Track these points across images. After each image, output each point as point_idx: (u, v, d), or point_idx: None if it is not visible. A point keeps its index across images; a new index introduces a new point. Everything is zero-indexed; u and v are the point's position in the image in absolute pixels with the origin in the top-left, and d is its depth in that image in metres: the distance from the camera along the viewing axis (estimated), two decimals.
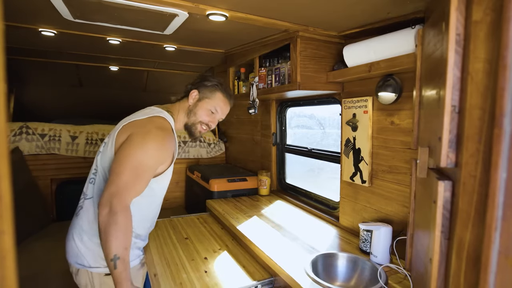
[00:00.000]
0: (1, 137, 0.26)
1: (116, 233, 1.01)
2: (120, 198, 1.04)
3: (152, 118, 1.21)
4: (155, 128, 1.16)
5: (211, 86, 1.35)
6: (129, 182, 1.06)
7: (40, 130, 2.58)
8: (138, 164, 1.09)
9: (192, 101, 1.34)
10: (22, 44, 2.23)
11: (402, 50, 1.19)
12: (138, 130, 1.14)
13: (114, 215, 1.01)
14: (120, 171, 1.06)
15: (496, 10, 0.46)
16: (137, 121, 1.19)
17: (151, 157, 1.12)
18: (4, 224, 0.26)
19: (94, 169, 1.25)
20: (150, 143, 1.11)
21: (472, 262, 0.51)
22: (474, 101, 0.51)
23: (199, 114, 1.34)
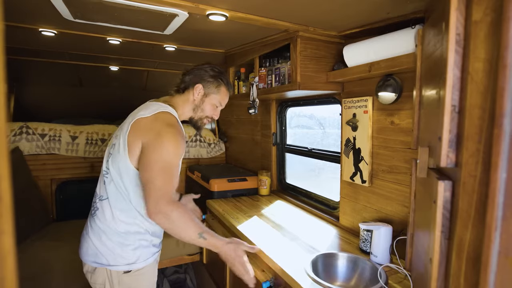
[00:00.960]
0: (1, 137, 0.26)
1: (182, 225, 1.12)
2: (164, 200, 1.10)
3: (159, 114, 1.21)
4: (166, 126, 1.17)
5: (216, 81, 1.33)
6: (164, 184, 1.12)
7: (40, 130, 2.58)
8: (165, 165, 1.13)
9: (198, 97, 1.32)
10: (22, 44, 2.23)
11: (402, 50, 1.19)
12: (152, 136, 1.15)
13: (170, 218, 1.10)
14: (153, 178, 1.11)
15: (496, 10, 0.46)
16: (145, 121, 1.19)
17: (173, 155, 1.16)
18: (4, 224, 0.26)
19: (105, 171, 1.26)
20: (168, 143, 1.15)
21: (472, 262, 0.51)
22: (474, 101, 0.51)
23: (206, 109, 1.35)
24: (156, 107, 1.23)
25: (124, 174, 1.19)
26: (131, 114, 1.27)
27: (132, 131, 1.18)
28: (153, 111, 1.21)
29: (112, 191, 1.22)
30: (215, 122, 3.31)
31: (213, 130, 3.36)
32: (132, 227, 1.23)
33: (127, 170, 1.18)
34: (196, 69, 1.34)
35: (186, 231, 1.13)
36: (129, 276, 1.23)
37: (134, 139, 1.17)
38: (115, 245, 1.22)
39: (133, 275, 1.24)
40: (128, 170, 1.18)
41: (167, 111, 1.23)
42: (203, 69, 1.34)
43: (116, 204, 1.22)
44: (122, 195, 1.21)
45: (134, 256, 1.23)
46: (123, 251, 1.22)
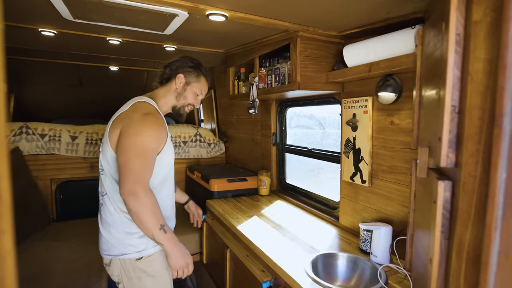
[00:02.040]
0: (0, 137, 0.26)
1: (151, 211, 1.17)
2: (139, 183, 1.15)
3: (135, 105, 1.28)
4: (142, 114, 1.24)
5: (195, 71, 1.42)
6: (139, 167, 1.17)
7: (40, 130, 2.58)
8: (140, 149, 1.18)
9: (180, 85, 1.40)
10: (22, 44, 2.23)
11: (402, 50, 1.19)
12: (128, 122, 1.21)
13: (140, 200, 1.15)
14: (128, 161, 1.16)
15: (496, 10, 0.46)
16: (123, 113, 1.27)
17: (149, 139, 1.21)
18: (4, 224, 0.26)
19: (100, 168, 1.34)
20: (144, 128, 1.20)
21: (472, 262, 0.51)
22: (474, 101, 0.51)
23: (188, 97, 1.42)
24: (134, 100, 1.31)
25: (112, 164, 1.26)
26: (115, 114, 1.33)
27: (114, 125, 1.26)
28: (131, 103, 1.30)
29: (108, 185, 1.29)
30: (215, 122, 3.31)
31: (213, 130, 3.36)
32: None
33: (113, 159, 1.25)
34: (176, 61, 1.43)
35: (151, 219, 1.17)
36: (142, 262, 1.30)
37: (113, 129, 1.24)
38: (123, 235, 1.28)
39: (145, 261, 1.30)
40: (115, 161, 1.24)
41: (143, 101, 1.31)
42: (183, 60, 1.42)
43: (114, 196, 1.28)
44: (117, 186, 1.26)
45: (142, 243, 1.29)
46: (131, 239, 1.28)
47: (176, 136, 2.98)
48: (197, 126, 3.28)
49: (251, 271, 1.45)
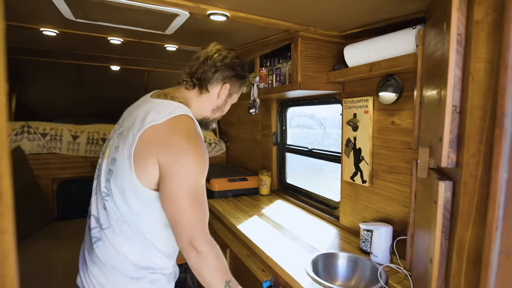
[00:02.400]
0: (1, 136, 0.26)
1: (214, 268, 0.96)
2: (199, 237, 0.93)
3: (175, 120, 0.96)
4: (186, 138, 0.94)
5: (242, 82, 1.17)
6: (197, 215, 0.94)
7: (42, 130, 2.58)
8: (194, 191, 0.94)
9: (222, 97, 1.13)
10: (23, 44, 2.23)
11: (403, 50, 1.19)
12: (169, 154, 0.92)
13: (203, 257, 0.94)
14: (180, 211, 0.92)
15: (498, 10, 0.46)
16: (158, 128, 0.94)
17: (198, 177, 0.95)
18: (5, 223, 0.26)
19: (104, 192, 1.00)
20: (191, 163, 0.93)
21: (472, 262, 0.51)
22: (475, 101, 0.50)
23: (225, 110, 1.20)
24: (170, 109, 0.97)
25: (131, 196, 0.95)
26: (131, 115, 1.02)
27: (142, 143, 0.93)
28: (167, 115, 0.95)
29: (115, 219, 0.98)
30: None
31: (213, 130, 3.36)
32: (144, 262, 1.00)
33: (134, 191, 0.94)
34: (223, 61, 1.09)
35: (214, 278, 0.96)
36: None
37: (145, 153, 0.92)
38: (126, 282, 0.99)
39: None
40: (137, 192, 0.94)
41: (184, 114, 0.98)
42: (232, 65, 1.11)
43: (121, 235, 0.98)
44: (127, 224, 0.97)
45: None
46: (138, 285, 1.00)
47: None
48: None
49: (252, 271, 1.46)
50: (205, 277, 0.96)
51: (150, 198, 0.96)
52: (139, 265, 1.00)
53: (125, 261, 0.98)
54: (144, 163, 0.93)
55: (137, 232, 0.98)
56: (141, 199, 0.96)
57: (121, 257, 0.98)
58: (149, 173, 0.93)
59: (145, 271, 1.01)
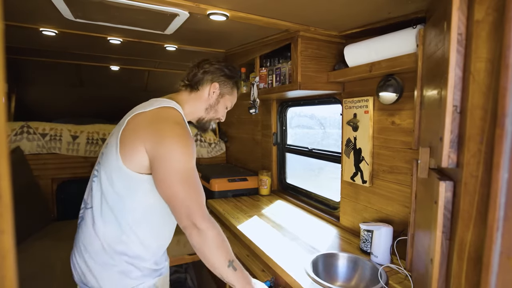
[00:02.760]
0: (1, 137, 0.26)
1: (216, 246, 0.98)
2: (196, 215, 0.96)
3: (160, 110, 1.05)
4: (170, 125, 1.01)
5: (232, 82, 1.23)
6: (191, 196, 0.98)
7: (41, 130, 2.58)
8: (184, 173, 0.98)
9: (213, 96, 1.20)
10: (23, 44, 2.23)
11: (403, 50, 1.19)
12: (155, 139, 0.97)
13: (203, 234, 0.97)
14: (176, 194, 0.97)
15: (498, 10, 0.46)
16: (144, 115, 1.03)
17: (187, 160, 0.99)
18: (4, 224, 0.26)
19: (94, 174, 1.07)
20: (178, 148, 0.98)
21: (473, 263, 0.50)
22: (476, 101, 0.50)
23: (219, 111, 1.24)
24: (159, 102, 1.07)
25: (115, 178, 1.00)
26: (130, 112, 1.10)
27: (129, 127, 1.01)
28: (156, 105, 1.05)
29: (98, 198, 1.02)
30: (215, 122, 3.31)
31: (213, 130, 3.36)
32: (118, 245, 1.01)
33: (119, 174, 0.99)
34: (211, 65, 1.20)
35: (217, 256, 0.98)
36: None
37: (132, 139, 0.99)
38: (99, 267, 1.01)
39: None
40: (122, 174, 0.99)
41: (170, 106, 1.07)
42: (220, 67, 1.20)
43: (100, 214, 1.01)
44: (108, 204, 1.00)
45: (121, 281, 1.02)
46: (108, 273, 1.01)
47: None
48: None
49: (252, 271, 1.45)
50: (208, 257, 0.98)
51: (135, 181, 1.00)
52: (115, 249, 1.01)
53: (98, 243, 1.01)
54: (131, 147, 0.99)
55: (118, 213, 1.00)
56: (126, 182, 1.00)
57: (97, 237, 1.01)
58: (135, 157, 0.98)
59: (119, 256, 1.01)
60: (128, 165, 0.99)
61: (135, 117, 1.03)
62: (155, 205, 1.05)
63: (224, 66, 1.21)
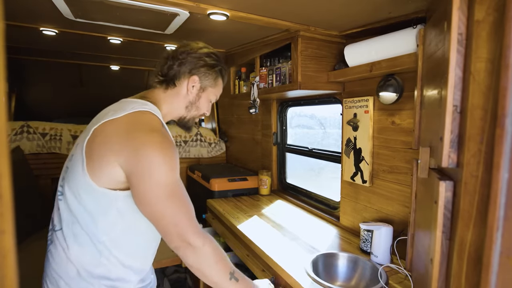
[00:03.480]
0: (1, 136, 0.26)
1: (214, 261, 0.91)
2: (188, 230, 0.87)
3: (134, 116, 0.88)
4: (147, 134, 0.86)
5: (215, 72, 1.06)
6: (179, 210, 0.87)
7: (41, 129, 2.58)
8: (168, 187, 0.86)
9: (193, 91, 1.04)
10: (23, 44, 2.23)
11: (404, 50, 1.19)
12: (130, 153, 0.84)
13: (199, 251, 0.88)
14: (161, 208, 0.85)
15: (499, 10, 0.46)
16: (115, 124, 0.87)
17: (170, 170, 0.87)
18: (4, 223, 0.26)
19: (59, 191, 0.93)
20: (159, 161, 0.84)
21: (473, 263, 0.51)
22: (476, 101, 0.50)
23: (202, 107, 1.08)
24: (132, 105, 0.90)
25: (84, 195, 0.86)
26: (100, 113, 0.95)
27: (97, 138, 0.86)
28: (128, 110, 0.88)
29: (67, 219, 0.89)
30: (215, 122, 3.31)
31: (213, 129, 3.36)
32: (96, 269, 0.89)
33: (88, 191, 0.86)
34: (189, 54, 1.02)
35: (216, 271, 0.91)
36: None
37: (102, 152, 0.85)
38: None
39: None
40: (90, 192, 0.86)
41: (145, 110, 0.91)
42: (198, 55, 1.03)
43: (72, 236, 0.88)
44: (80, 225, 0.88)
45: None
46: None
47: (177, 136, 2.98)
48: (198, 125, 3.29)
49: (252, 271, 1.46)
50: (208, 274, 0.91)
51: (108, 198, 0.87)
52: (92, 274, 0.89)
53: (73, 268, 0.88)
54: (101, 162, 0.84)
55: (91, 234, 0.88)
56: (97, 199, 0.87)
57: (70, 262, 0.89)
58: (106, 172, 0.85)
59: (98, 281, 0.90)
60: (98, 182, 0.85)
61: (104, 126, 0.87)
62: (135, 224, 0.93)
63: (204, 54, 1.04)
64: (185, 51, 1.03)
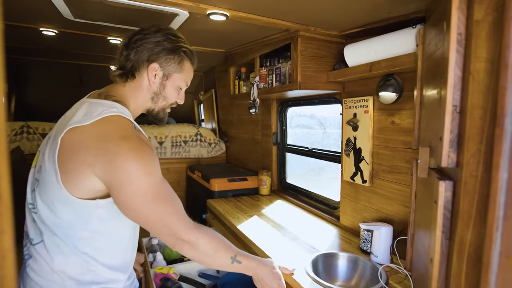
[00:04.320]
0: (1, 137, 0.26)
1: (213, 251, 0.91)
2: (179, 228, 0.86)
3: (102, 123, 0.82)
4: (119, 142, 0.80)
5: (177, 55, 0.96)
6: (166, 210, 0.85)
7: (41, 130, 2.58)
8: (151, 192, 0.83)
9: (156, 81, 0.95)
10: (23, 44, 2.23)
11: (403, 50, 1.19)
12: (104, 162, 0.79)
13: (195, 245, 0.88)
14: (147, 213, 0.83)
15: (498, 10, 0.46)
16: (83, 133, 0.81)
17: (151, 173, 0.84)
18: (4, 223, 0.26)
19: (31, 204, 0.88)
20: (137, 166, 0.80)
21: (473, 262, 0.51)
22: (476, 101, 0.50)
23: (169, 96, 0.99)
24: (99, 109, 0.84)
25: (61, 209, 0.82)
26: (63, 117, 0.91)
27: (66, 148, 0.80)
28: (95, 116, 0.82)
29: (46, 231, 0.85)
30: (215, 122, 3.31)
31: (213, 129, 3.36)
32: (85, 276, 0.87)
33: (66, 203, 0.81)
34: (144, 40, 0.92)
35: (217, 259, 0.92)
36: None
37: (75, 163, 0.80)
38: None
39: None
40: (69, 203, 0.81)
41: (114, 115, 0.84)
42: (155, 40, 0.92)
43: (55, 248, 0.84)
44: (58, 236, 0.84)
45: None
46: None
47: (177, 136, 2.98)
48: (198, 125, 3.29)
49: None
50: (209, 263, 0.93)
51: (88, 208, 0.83)
52: (80, 281, 0.86)
53: (60, 279, 0.85)
54: (75, 173, 0.80)
55: (72, 245, 0.84)
56: (76, 211, 0.82)
57: (56, 274, 0.85)
58: (82, 183, 0.80)
59: (89, 286, 0.87)
60: (76, 193, 0.81)
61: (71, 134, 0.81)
62: (118, 229, 0.91)
63: (162, 36, 0.93)
64: (139, 37, 0.93)
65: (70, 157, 0.80)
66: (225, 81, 2.84)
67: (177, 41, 0.96)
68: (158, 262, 1.32)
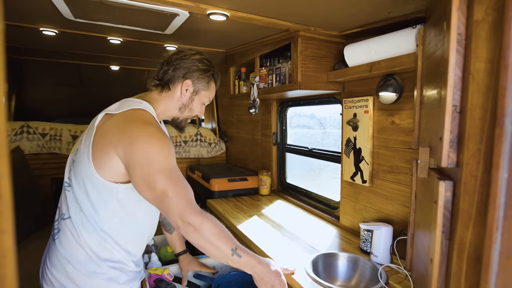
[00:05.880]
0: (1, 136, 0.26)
1: (215, 238, 0.95)
2: (186, 210, 0.92)
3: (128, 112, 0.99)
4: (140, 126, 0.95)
5: (207, 76, 1.14)
6: (176, 192, 0.92)
7: (41, 130, 2.58)
8: (166, 172, 0.93)
9: (187, 94, 1.12)
10: (23, 44, 2.23)
11: (403, 50, 1.19)
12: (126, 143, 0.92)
13: (199, 229, 0.93)
14: (161, 195, 0.92)
15: (498, 10, 0.46)
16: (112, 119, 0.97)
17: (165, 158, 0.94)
18: (4, 223, 0.26)
19: (66, 182, 1.04)
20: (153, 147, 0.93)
21: (473, 262, 0.51)
22: (476, 101, 0.50)
23: (195, 109, 1.16)
24: (129, 104, 1.01)
25: (89, 187, 0.96)
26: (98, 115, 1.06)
27: (99, 133, 0.97)
28: (124, 108, 0.99)
29: (74, 208, 0.99)
30: (215, 122, 3.31)
31: (213, 129, 3.36)
32: (102, 252, 1.00)
33: (92, 182, 0.96)
34: (182, 60, 1.11)
35: (218, 248, 0.95)
36: None
37: (103, 145, 0.95)
38: (85, 277, 0.98)
39: None
40: (94, 183, 0.96)
41: (139, 108, 1.01)
42: (191, 61, 1.11)
43: (81, 224, 0.98)
44: (85, 214, 0.98)
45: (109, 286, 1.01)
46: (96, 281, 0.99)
47: (177, 136, 2.98)
48: (198, 125, 3.29)
49: None
50: (210, 250, 0.96)
51: (109, 190, 0.97)
52: (99, 256, 0.99)
53: (83, 252, 0.98)
54: (102, 154, 0.94)
55: (94, 223, 0.98)
56: (99, 191, 0.96)
57: (80, 247, 0.98)
58: (107, 164, 0.95)
59: (104, 263, 1.00)
60: (101, 174, 0.95)
61: (104, 121, 0.99)
62: (133, 213, 1.03)
63: (197, 60, 1.12)
64: (179, 57, 1.11)
65: (100, 140, 0.96)
66: (225, 81, 2.84)
67: (208, 65, 1.15)
68: (153, 263, 1.33)
